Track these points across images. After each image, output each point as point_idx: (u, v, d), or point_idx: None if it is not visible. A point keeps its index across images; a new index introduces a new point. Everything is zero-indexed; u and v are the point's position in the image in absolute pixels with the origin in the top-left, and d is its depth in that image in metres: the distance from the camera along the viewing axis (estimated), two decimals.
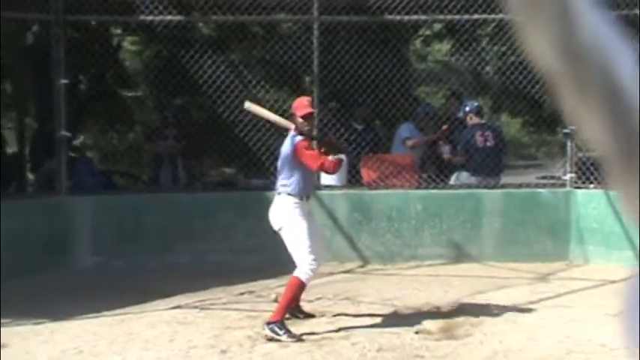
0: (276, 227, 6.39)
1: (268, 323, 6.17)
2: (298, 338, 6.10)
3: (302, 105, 6.47)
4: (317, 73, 9.20)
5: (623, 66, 0.65)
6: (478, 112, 9.83)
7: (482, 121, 9.92)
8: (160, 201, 9.19)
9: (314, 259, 6.19)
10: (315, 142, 6.66)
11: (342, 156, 7.01)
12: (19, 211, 8.43)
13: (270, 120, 6.78)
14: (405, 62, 10.87)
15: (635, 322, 0.74)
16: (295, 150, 6.29)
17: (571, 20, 0.64)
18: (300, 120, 6.36)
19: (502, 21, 9.57)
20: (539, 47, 0.65)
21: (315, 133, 6.74)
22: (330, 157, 6.40)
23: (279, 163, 6.50)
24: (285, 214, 6.32)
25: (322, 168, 6.43)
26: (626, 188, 0.68)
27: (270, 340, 6.08)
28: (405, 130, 9.90)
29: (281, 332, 6.09)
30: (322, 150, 6.49)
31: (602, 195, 8.93)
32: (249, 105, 6.84)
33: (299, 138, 6.33)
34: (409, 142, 9.82)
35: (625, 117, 0.65)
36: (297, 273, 6.22)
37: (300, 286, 6.26)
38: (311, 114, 6.45)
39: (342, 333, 6.25)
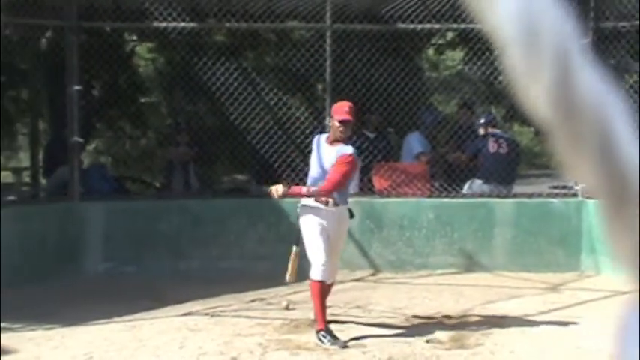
0: None
1: (317, 331, 6.24)
2: (344, 344, 6.12)
3: (342, 110, 6.34)
4: (329, 80, 9.21)
5: (617, 122, 0.67)
6: (495, 124, 9.94)
7: (497, 131, 9.93)
8: (171, 207, 9.20)
9: (322, 255, 6.21)
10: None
11: None
12: (32, 216, 8.47)
13: None
14: (417, 70, 10.86)
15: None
16: (340, 160, 6.22)
17: (568, 77, 0.66)
18: (337, 124, 6.29)
19: None
20: (537, 100, 0.67)
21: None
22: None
23: (315, 168, 6.40)
24: (301, 217, 6.36)
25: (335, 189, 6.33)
26: (617, 234, 0.70)
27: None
28: (415, 142, 9.83)
29: (325, 340, 6.14)
30: None
31: None
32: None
33: (350, 152, 6.26)
34: (424, 159, 9.78)
35: (617, 169, 0.68)
36: (311, 275, 6.26)
37: (320, 286, 6.25)
38: (349, 121, 6.30)
39: (352, 341, 6.24)
